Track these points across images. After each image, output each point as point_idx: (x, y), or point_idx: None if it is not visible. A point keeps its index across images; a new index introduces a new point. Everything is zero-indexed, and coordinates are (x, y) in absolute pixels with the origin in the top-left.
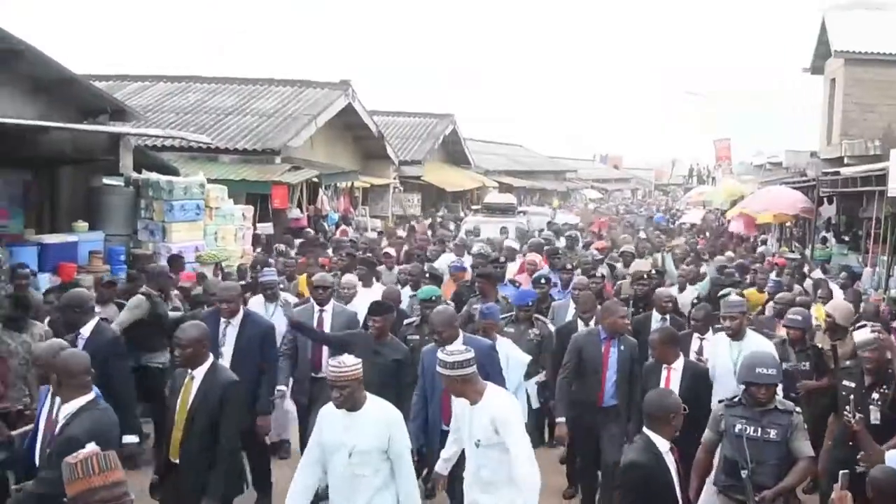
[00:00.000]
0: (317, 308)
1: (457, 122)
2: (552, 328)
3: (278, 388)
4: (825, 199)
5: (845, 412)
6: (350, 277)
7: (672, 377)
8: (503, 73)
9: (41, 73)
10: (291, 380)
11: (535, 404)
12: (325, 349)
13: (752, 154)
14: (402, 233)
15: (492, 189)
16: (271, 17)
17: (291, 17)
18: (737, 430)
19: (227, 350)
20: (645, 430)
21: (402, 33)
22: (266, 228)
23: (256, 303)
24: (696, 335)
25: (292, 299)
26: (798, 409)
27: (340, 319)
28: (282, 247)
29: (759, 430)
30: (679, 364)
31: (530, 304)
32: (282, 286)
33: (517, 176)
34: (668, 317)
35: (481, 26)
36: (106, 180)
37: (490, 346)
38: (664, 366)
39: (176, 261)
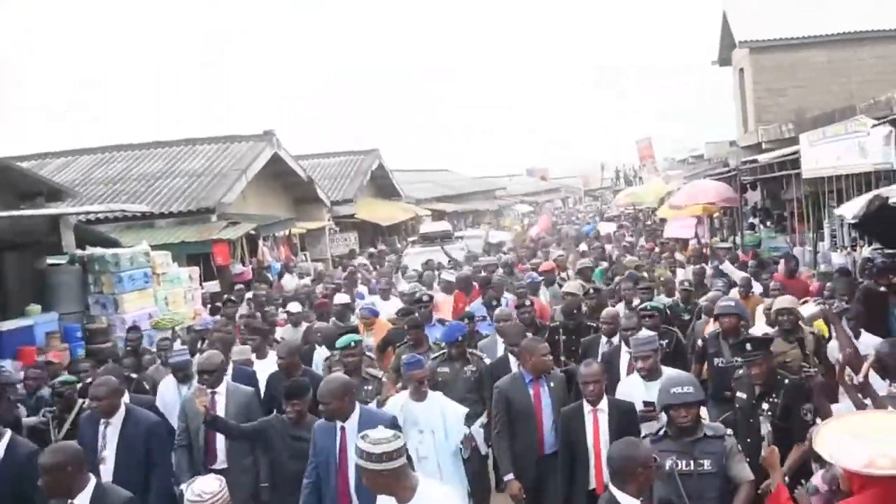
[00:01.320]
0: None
1: (382, 155)
2: (488, 361)
3: (178, 488)
4: (748, 186)
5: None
6: (242, 349)
7: (599, 419)
8: (423, 102)
9: None
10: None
11: (484, 449)
12: (220, 438)
13: (674, 150)
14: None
15: (425, 218)
16: (181, 77)
17: (203, 74)
18: (667, 467)
19: (109, 454)
20: (610, 486)
21: (316, 75)
22: (212, 286)
23: (167, 386)
24: (625, 348)
25: None
26: (729, 431)
27: (236, 401)
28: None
29: (692, 462)
30: (604, 404)
31: (460, 339)
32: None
33: (448, 201)
34: (614, 340)
35: (389, 54)
36: (50, 260)
37: (392, 420)
38: (589, 409)
39: (134, 331)
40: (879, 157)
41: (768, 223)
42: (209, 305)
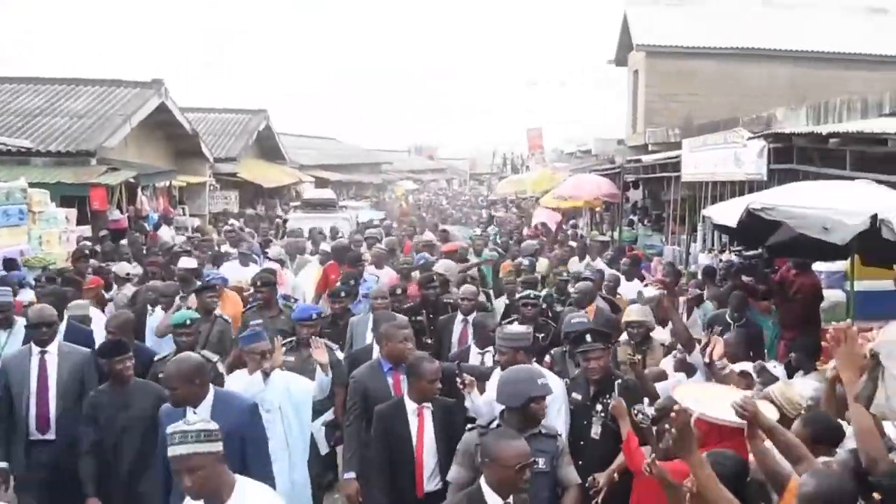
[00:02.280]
0: (35, 350)
1: (270, 116)
2: (340, 355)
3: None
4: (631, 185)
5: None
6: (79, 303)
7: (425, 417)
8: (315, 65)
9: None
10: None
11: (324, 449)
12: (53, 403)
13: (564, 142)
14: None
15: (308, 184)
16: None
17: (95, 14)
18: None
19: None
20: (480, 480)
21: (210, 27)
22: (84, 231)
23: None
24: (475, 350)
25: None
26: (560, 432)
27: (70, 363)
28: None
29: None
30: (428, 401)
31: (314, 317)
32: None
33: (333, 169)
34: (471, 318)
35: (289, 16)
36: None
37: (251, 407)
38: (415, 407)
39: (11, 264)
40: (752, 168)
41: (646, 221)
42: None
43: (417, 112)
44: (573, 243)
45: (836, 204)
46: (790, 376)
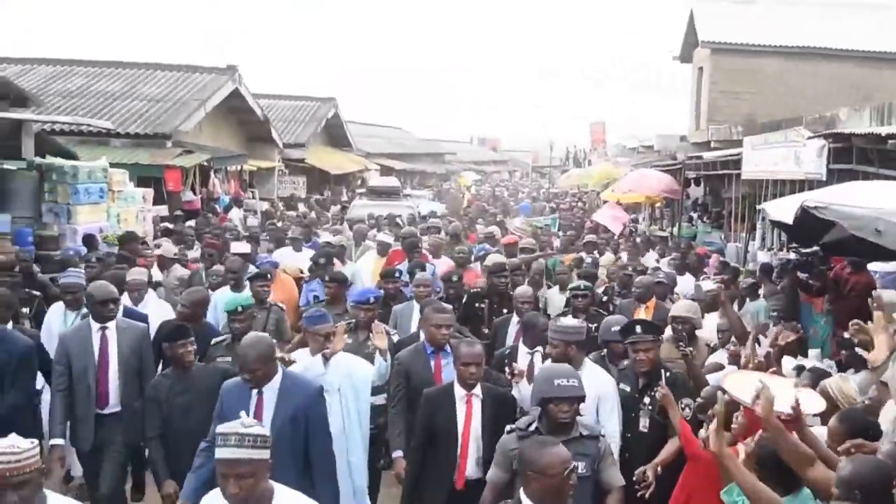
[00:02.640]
0: (95, 327)
1: (338, 104)
2: (395, 337)
3: (52, 442)
4: (692, 181)
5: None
6: (137, 272)
7: (473, 406)
8: (382, 55)
9: None
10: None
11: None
12: (113, 377)
13: (626, 137)
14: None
15: (373, 171)
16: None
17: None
18: None
19: None
20: (520, 493)
21: (282, 15)
22: (161, 210)
23: (55, 311)
24: (523, 349)
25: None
26: (604, 432)
27: (128, 339)
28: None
29: None
30: (479, 390)
31: (372, 300)
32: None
33: (397, 158)
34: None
35: (357, 7)
36: (7, 164)
37: (318, 389)
38: (462, 394)
39: (91, 240)
40: (812, 167)
41: (706, 218)
42: (159, 227)
43: (479, 103)
44: (638, 239)
45: (891, 204)
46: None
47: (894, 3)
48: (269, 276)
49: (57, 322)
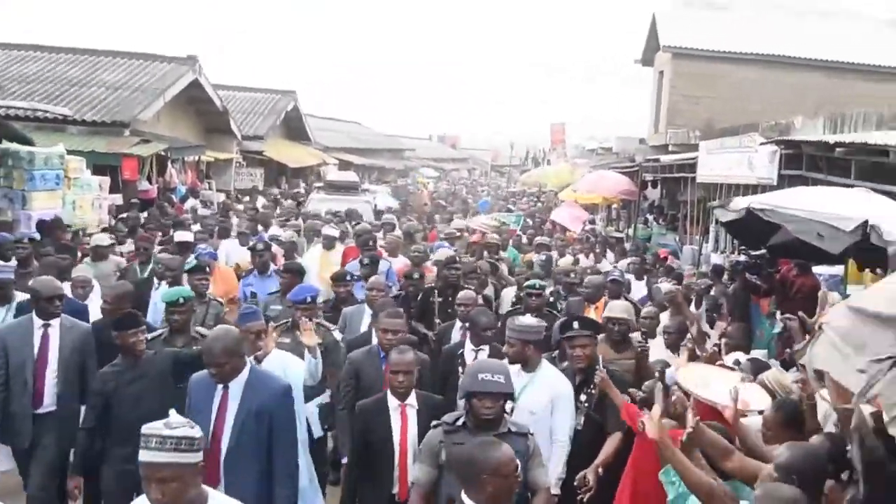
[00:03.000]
0: (38, 323)
1: (298, 98)
2: (338, 336)
3: None
4: (650, 184)
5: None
6: (83, 269)
7: (408, 416)
8: (341, 50)
9: None
10: None
11: (318, 432)
12: (51, 377)
13: (586, 138)
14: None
15: (332, 166)
16: None
17: None
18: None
19: None
20: (463, 498)
21: (244, 5)
22: (115, 199)
23: None
24: (470, 347)
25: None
26: (532, 431)
27: (72, 338)
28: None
29: None
30: (413, 399)
31: (309, 300)
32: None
33: (356, 153)
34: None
35: (319, 2)
36: None
37: (285, 388)
38: (397, 404)
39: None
40: (764, 172)
41: (661, 220)
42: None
43: (440, 100)
44: (593, 240)
45: (832, 209)
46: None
47: (856, 15)
48: (207, 268)
49: None
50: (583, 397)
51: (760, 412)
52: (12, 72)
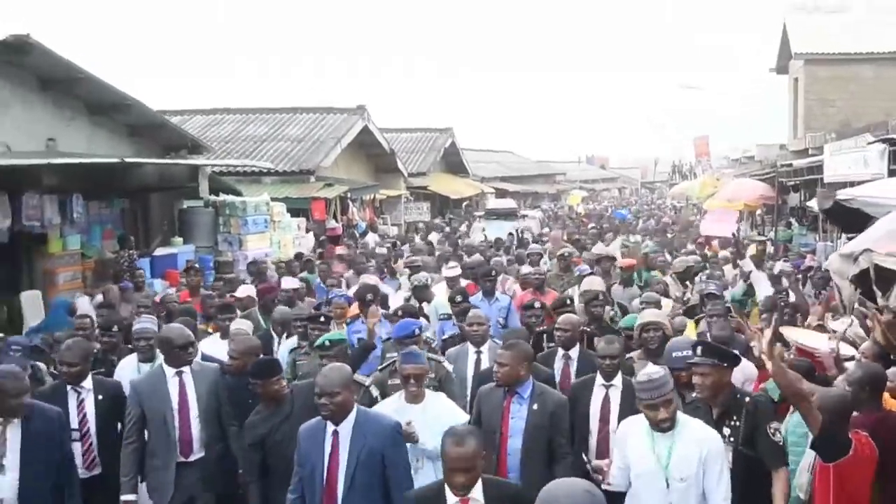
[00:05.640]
0: (171, 372)
1: (455, 134)
2: (450, 367)
3: (124, 498)
4: (791, 188)
5: None
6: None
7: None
8: (493, 81)
9: (140, 120)
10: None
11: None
12: (195, 422)
13: (731, 148)
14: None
15: (489, 195)
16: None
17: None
18: None
19: (12, 461)
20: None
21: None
22: (309, 238)
23: (127, 365)
24: (600, 381)
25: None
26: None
27: (204, 381)
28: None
29: None
30: (479, 492)
31: (416, 332)
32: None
33: (510, 181)
34: (571, 353)
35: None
36: (187, 203)
37: (394, 426)
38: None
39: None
40: (875, 169)
41: (804, 221)
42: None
43: (587, 123)
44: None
45: None
46: None
47: None
48: (322, 319)
49: (129, 374)
50: (726, 431)
51: (851, 358)
52: (211, 134)
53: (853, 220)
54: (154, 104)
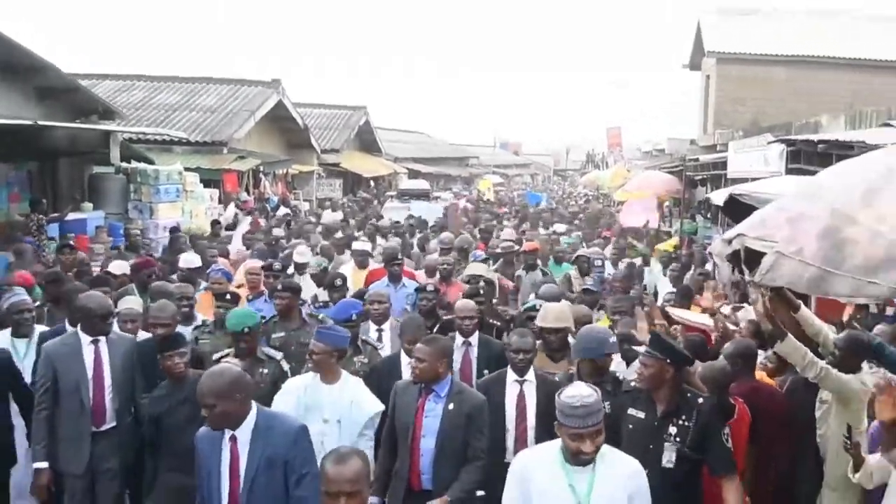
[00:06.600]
0: (86, 340)
1: (369, 112)
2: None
3: (36, 466)
4: (698, 182)
5: None
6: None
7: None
8: (408, 61)
9: (51, 83)
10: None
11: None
12: (108, 392)
13: (643, 141)
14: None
15: (402, 175)
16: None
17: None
18: None
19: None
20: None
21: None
22: (219, 209)
23: (1, 340)
24: (513, 377)
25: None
26: None
27: (119, 351)
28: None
29: None
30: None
31: (354, 317)
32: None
33: (424, 162)
34: (472, 341)
35: (382, 14)
36: (97, 169)
37: (299, 429)
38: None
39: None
40: (774, 167)
41: (708, 215)
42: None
43: (501, 108)
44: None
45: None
46: None
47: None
48: (228, 296)
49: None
50: (672, 430)
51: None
52: (121, 100)
53: (746, 214)
54: (63, 67)
